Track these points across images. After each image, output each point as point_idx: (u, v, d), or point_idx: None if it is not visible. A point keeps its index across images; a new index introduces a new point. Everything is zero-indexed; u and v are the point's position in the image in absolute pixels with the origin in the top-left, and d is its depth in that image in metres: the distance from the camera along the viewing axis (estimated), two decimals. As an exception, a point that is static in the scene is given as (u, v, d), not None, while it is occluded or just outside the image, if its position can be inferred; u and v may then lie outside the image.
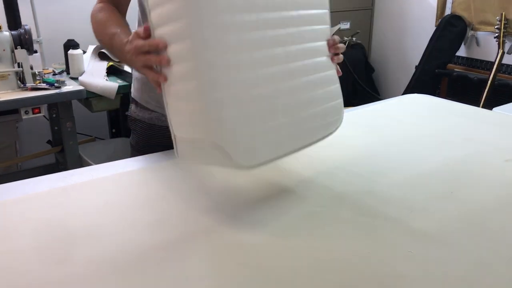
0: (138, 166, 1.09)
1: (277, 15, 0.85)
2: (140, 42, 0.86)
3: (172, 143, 1.10)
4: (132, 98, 1.28)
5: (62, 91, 2.18)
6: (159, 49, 0.83)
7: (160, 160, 1.12)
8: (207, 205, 0.93)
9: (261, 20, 0.82)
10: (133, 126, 1.29)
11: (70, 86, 2.23)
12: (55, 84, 2.21)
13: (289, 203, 0.94)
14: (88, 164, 2.28)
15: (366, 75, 3.60)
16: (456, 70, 3.18)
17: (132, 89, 1.29)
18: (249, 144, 0.81)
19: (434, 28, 3.23)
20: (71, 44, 2.37)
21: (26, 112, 2.14)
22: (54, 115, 2.54)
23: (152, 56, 0.85)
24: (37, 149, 2.70)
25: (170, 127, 1.00)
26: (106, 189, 0.98)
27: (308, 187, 1.00)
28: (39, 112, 2.18)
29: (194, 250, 0.78)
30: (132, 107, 1.28)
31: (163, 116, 1.15)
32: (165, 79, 0.84)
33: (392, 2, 3.60)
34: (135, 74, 1.26)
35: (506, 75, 2.93)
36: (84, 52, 2.47)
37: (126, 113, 1.32)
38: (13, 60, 2.13)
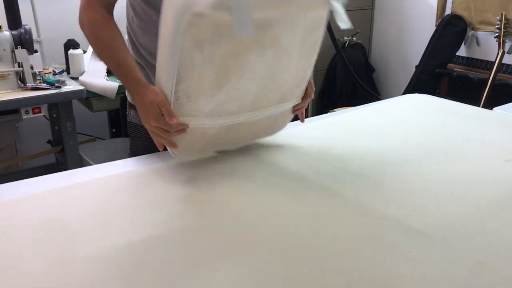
0: (138, 166, 1.09)
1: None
2: (165, 124, 0.97)
3: None
4: (130, 104, 1.23)
5: (62, 91, 2.18)
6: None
7: (160, 160, 1.12)
8: (206, 205, 0.93)
9: None
10: (135, 132, 1.24)
11: (70, 86, 2.23)
12: (56, 84, 2.20)
13: (289, 203, 0.94)
14: (88, 164, 2.28)
15: (366, 75, 3.59)
16: (456, 70, 3.17)
17: (129, 94, 1.23)
18: None
19: (434, 28, 3.23)
20: (71, 44, 2.37)
21: (26, 112, 2.14)
22: (54, 115, 2.54)
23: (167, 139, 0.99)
24: (37, 149, 2.70)
25: None
26: (106, 189, 0.99)
27: (308, 187, 1.00)
28: (39, 112, 2.18)
29: (194, 250, 0.78)
30: (132, 112, 1.23)
31: None
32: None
33: (392, 2, 3.59)
34: None
35: (506, 75, 2.92)
36: (85, 52, 2.47)
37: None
38: (14, 60, 2.13)
